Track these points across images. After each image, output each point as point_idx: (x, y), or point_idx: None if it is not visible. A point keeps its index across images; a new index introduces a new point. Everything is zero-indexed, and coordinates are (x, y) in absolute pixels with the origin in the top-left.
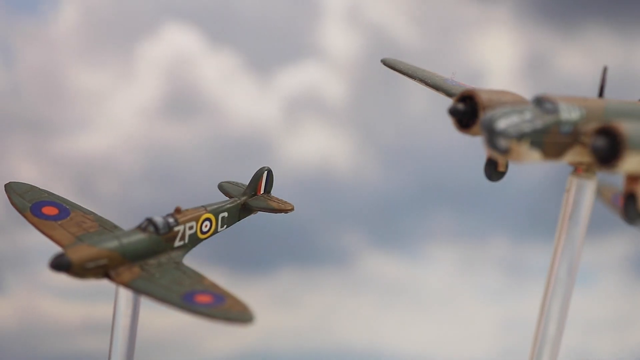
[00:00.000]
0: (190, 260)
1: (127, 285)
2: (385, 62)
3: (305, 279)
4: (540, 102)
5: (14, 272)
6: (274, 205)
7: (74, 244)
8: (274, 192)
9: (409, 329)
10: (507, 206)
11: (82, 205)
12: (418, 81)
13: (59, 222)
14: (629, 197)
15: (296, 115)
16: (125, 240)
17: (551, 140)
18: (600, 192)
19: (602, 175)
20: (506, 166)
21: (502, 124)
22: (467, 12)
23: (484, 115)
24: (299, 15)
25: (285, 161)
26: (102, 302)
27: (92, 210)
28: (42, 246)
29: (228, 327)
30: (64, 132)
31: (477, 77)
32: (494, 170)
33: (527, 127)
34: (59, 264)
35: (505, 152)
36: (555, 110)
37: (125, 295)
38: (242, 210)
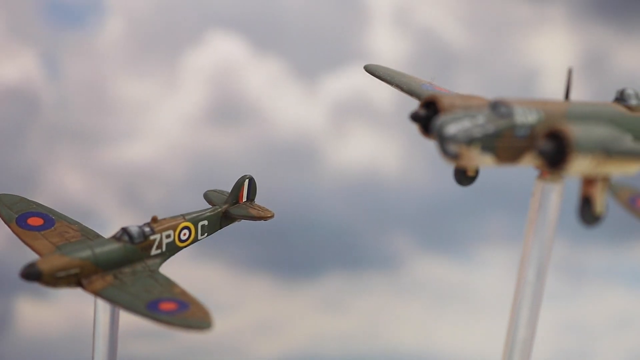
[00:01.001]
0: (239, 266)
1: (97, 293)
2: (366, 69)
3: (354, 283)
4: (495, 106)
5: None
6: (254, 212)
7: (48, 254)
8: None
9: (462, 334)
10: (564, 207)
11: (71, 217)
12: (395, 87)
13: (42, 233)
14: (585, 201)
15: (343, 120)
16: (98, 250)
17: (505, 144)
18: (616, 194)
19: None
20: (476, 171)
21: (451, 129)
22: (520, 11)
23: (435, 121)
24: (345, 19)
25: (332, 166)
26: None
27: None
28: None
29: (272, 332)
30: (110, 142)
31: (531, 77)
32: (463, 176)
33: (477, 132)
34: (29, 274)
35: (456, 157)
36: (509, 114)
37: (102, 304)
38: (223, 219)
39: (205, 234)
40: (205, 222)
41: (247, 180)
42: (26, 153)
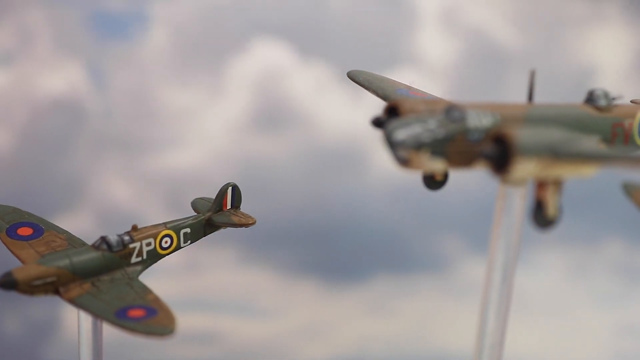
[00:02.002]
0: (286, 270)
1: (72, 301)
2: (349, 75)
3: (402, 286)
4: (448, 110)
5: None
6: (236, 220)
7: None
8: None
9: (515, 337)
10: (621, 207)
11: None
12: (372, 92)
13: (30, 242)
14: (537, 204)
15: None
16: (75, 259)
17: (457, 148)
18: (630, 194)
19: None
20: (444, 175)
21: (400, 134)
22: (573, 9)
23: (386, 126)
24: (391, 21)
25: (379, 169)
26: (195, 311)
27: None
28: None
29: (320, 335)
30: (156, 149)
31: (586, 76)
32: (431, 180)
33: (426, 137)
34: (5, 283)
35: (405, 162)
36: (462, 118)
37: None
38: (206, 226)
39: (189, 242)
40: (188, 230)
41: (230, 188)
42: (73, 162)
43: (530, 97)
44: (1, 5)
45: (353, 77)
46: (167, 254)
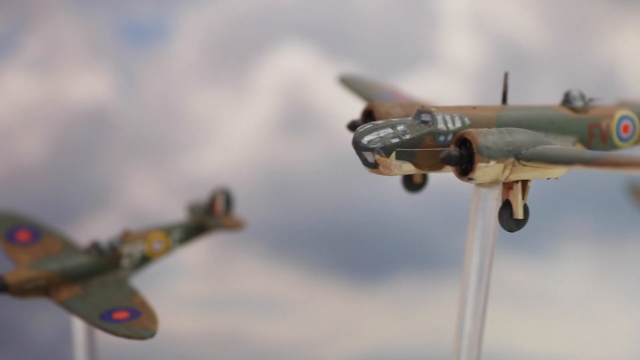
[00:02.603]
0: (311, 269)
1: (61, 303)
2: (340, 79)
3: (427, 286)
4: (418, 114)
5: (139, 284)
6: (225, 224)
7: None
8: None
9: (542, 336)
10: None
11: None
12: (358, 97)
13: (27, 246)
14: (505, 205)
15: None
16: (66, 262)
17: (426, 152)
18: (636, 194)
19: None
20: (423, 177)
21: (367, 138)
22: (600, 9)
23: (355, 131)
24: (417, 23)
25: None
26: (220, 311)
27: None
28: (171, 259)
29: (344, 335)
30: (183, 154)
31: (613, 77)
32: (410, 182)
33: (394, 140)
34: None
35: (374, 166)
36: (431, 122)
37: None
38: (197, 230)
39: (180, 245)
40: (179, 233)
41: (221, 193)
42: (103, 167)
43: (504, 99)
44: (32, 15)
45: (344, 81)
46: (159, 258)
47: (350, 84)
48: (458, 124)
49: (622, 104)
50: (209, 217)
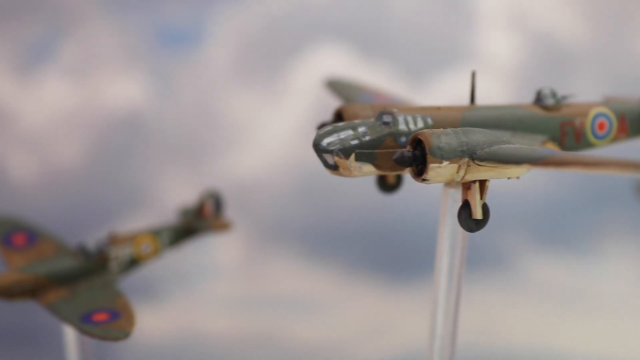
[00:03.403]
0: (348, 268)
1: (46, 306)
2: (326, 83)
3: (465, 284)
4: (379, 115)
5: (175, 284)
6: (212, 225)
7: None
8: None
9: (584, 335)
10: None
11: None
12: (341, 99)
13: (22, 250)
14: (463, 205)
15: None
16: (53, 266)
17: (387, 153)
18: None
19: None
20: (397, 178)
21: (326, 140)
22: None
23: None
24: (453, 21)
25: None
26: (255, 311)
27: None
28: (205, 259)
29: (381, 335)
30: (219, 156)
31: None
32: (384, 183)
33: (353, 142)
34: None
35: (334, 168)
36: (392, 123)
37: None
38: (186, 232)
39: (170, 247)
40: (168, 236)
41: (210, 196)
42: (139, 171)
43: (472, 98)
44: (69, 22)
45: (330, 84)
46: (147, 260)
47: (335, 87)
48: (420, 125)
49: (608, 100)
50: (199, 219)
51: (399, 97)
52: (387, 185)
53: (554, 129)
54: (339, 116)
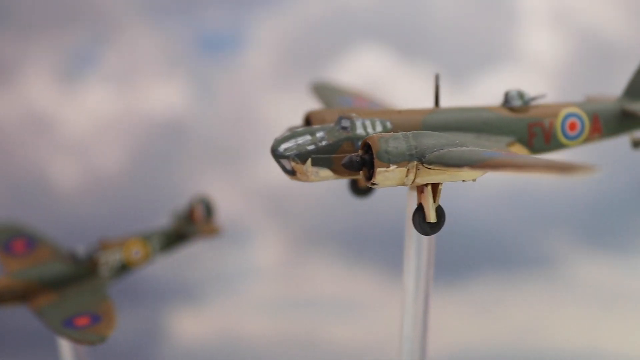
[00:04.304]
0: (390, 270)
1: (35, 310)
2: (311, 87)
3: (509, 285)
4: (338, 120)
5: (216, 287)
6: (202, 229)
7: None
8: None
9: (626, 336)
10: None
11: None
12: (322, 102)
13: (21, 256)
14: (418, 208)
15: None
16: (44, 271)
17: (343, 158)
18: None
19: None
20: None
21: (283, 146)
22: None
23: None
24: (494, 20)
25: None
26: (299, 314)
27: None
28: (245, 262)
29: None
30: (261, 160)
31: None
32: (356, 187)
33: (309, 147)
34: None
35: (292, 173)
36: (350, 127)
37: None
38: (177, 237)
39: (161, 253)
40: (159, 241)
41: (200, 201)
42: (181, 176)
43: (437, 101)
44: (110, 29)
45: (314, 88)
46: (138, 265)
47: (318, 91)
48: (379, 129)
49: (585, 100)
50: (189, 224)
51: (380, 100)
52: (359, 190)
53: (521, 131)
54: (307, 121)
